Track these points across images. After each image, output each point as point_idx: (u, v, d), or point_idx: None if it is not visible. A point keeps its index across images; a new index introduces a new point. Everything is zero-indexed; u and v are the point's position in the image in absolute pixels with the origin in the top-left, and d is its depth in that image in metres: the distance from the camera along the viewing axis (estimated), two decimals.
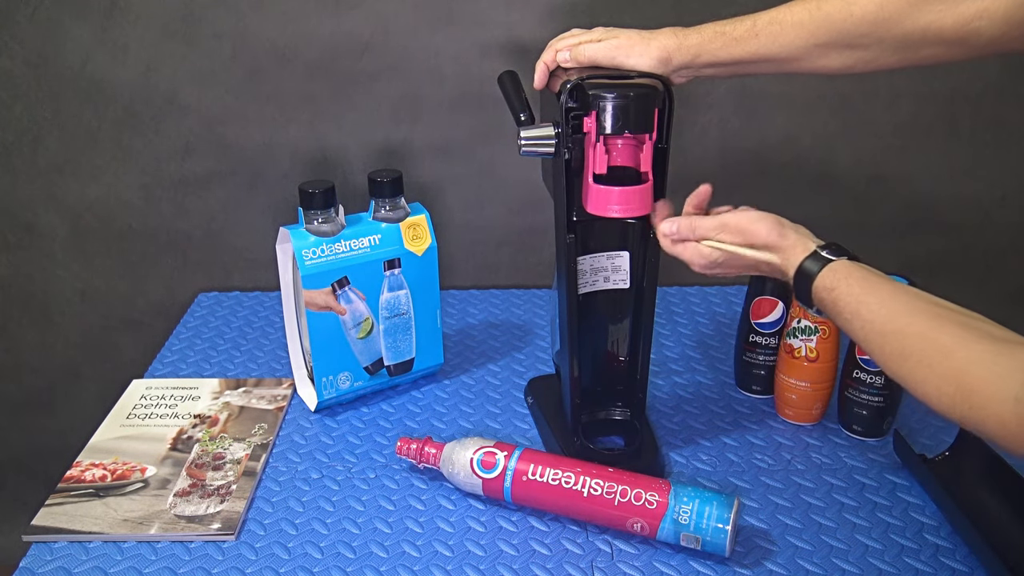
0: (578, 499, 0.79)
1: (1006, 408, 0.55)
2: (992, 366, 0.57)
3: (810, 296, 0.70)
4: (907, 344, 0.62)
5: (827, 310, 0.69)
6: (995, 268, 1.34)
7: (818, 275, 0.69)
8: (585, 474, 0.80)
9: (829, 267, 0.69)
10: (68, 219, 1.27)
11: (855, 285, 0.67)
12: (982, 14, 0.68)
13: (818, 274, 0.69)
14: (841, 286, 0.67)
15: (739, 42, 0.77)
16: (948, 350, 0.60)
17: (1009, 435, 0.55)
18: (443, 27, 1.17)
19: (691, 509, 0.76)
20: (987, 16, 0.68)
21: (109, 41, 1.16)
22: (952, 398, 0.58)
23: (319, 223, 0.93)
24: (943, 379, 0.59)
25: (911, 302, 0.64)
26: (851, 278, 0.67)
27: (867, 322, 0.65)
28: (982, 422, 0.57)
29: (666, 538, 0.77)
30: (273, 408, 1.01)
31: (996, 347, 0.58)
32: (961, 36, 0.69)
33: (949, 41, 0.70)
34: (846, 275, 0.67)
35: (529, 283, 1.33)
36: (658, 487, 0.78)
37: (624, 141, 0.76)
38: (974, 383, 0.57)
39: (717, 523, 0.75)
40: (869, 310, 0.65)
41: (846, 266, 0.68)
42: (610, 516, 0.79)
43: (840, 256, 0.69)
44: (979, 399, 0.57)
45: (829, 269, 0.68)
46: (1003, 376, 0.56)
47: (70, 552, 0.79)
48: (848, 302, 0.66)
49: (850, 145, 1.25)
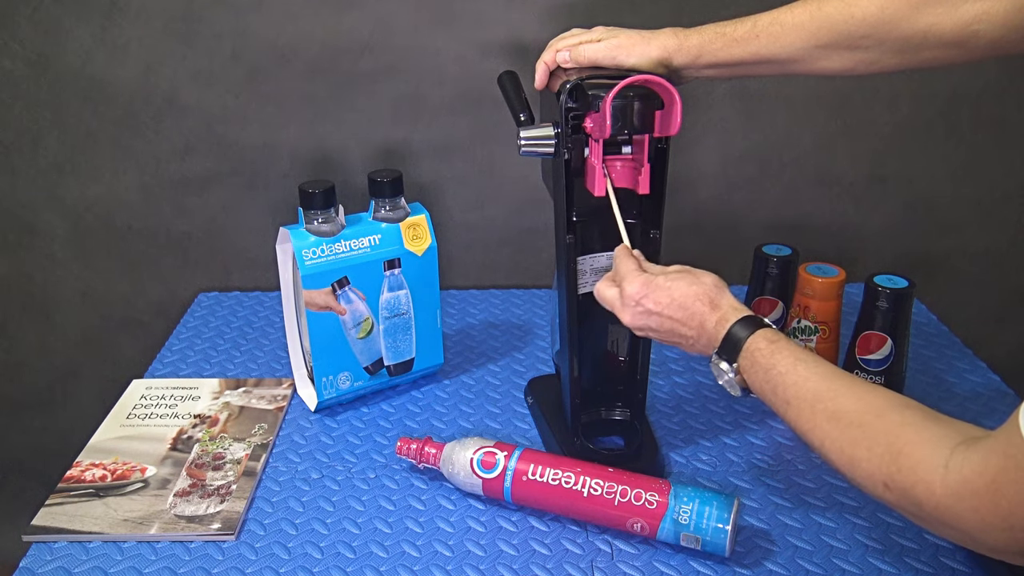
0: (578, 499, 0.79)
1: (935, 475, 0.52)
2: (923, 430, 0.55)
3: (741, 345, 0.68)
4: (841, 404, 0.61)
5: (757, 362, 0.67)
6: (995, 268, 1.34)
7: (760, 329, 0.68)
8: (585, 474, 0.80)
9: (770, 328, 0.69)
10: (68, 219, 1.27)
11: (795, 345, 0.67)
12: (982, 17, 0.68)
13: (760, 328, 0.69)
14: (783, 341, 0.67)
15: (740, 43, 0.77)
16: (881, 410, 0.58)
17: (934, 506, 0.52)
18: (443, 27, 1.17)
19: (691, 509, 0.76)
20: (987, 19, 0.68)
21: (109, 41, 1.16)
22: (880, 458, 0.56)
23: (319, 223, 0.93)
24: (874, 439, 0.57)
25: (845, 371, 0.64)
26: (790, 340, 0.68)
27: (803, 378, 0.64)
28: (909, 488, 0.54)
29: (666, 538, 0.77)
30: (273, 408, 1.01)
31: (930, 413, 0.57)
32: (961, 38, 0.70)
33: (949, 43, 0.70)
34: (787, 337, 0.68)
35: (529, 283, 1.33)
36: (658, 487, 0.78)
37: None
38: (904, 445, 0.55)
39: (717, 523, 0.75)
40: (807, 367, 0.64)
41: (780, 333, 0.69)
42: (610, 516, 0.79)
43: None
44: (908, 461, 0.54)
45: (771, 328, 0.69)
46: (934, 440, 0.54)
47: (70, 552, 0.79)
48: (787, 356, 0.65)
49: (850, 145, 1.25)
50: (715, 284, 0.73)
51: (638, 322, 0.74)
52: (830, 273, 0.94)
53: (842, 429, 0.59)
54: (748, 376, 0.69)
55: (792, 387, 0.64)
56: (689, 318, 0.72)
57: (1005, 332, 1.38)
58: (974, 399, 1.02)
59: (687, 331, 0.73)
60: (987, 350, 1.14)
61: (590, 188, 0.79)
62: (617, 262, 0.77)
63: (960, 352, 1.12)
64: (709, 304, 0.71)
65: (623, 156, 0.80)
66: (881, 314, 0.89)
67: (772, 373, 0.66)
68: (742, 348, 0.68)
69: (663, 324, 0.73)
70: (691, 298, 0.72)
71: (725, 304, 0.71)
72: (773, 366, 0.66)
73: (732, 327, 0.69)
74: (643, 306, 0.73)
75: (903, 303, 0.89)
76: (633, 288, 0.73)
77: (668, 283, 0.73)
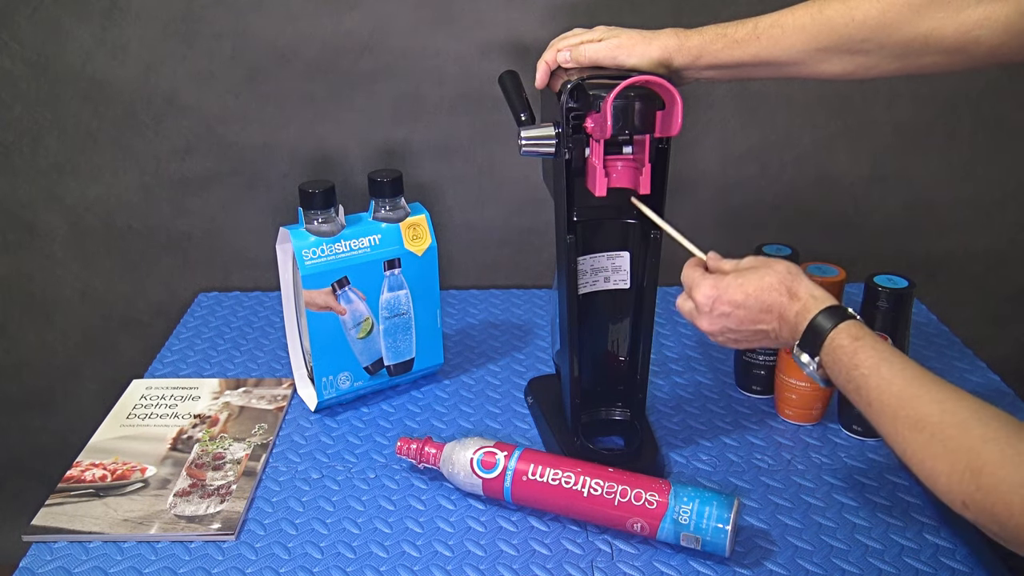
0: (578, 499, 0.79)
1: (1016, 496, 0.50)
2: (1007, 447, 0.53)
3: (823, 340, 0.66)
4: (924, 411, 0.58)
5: (839, 360, 0.64)
6: (995, 268, 1.34)
7: (844, 321, 0.66)
8: (585, 474, 0.80)
9: (854, 320, 0.66)
10: (68, 219, 1.27)
11: (879, 342, 0.64)
12: (983, 22, 0.68)
13: (844, 320, 0.66)
14: (867, 338, 0.64)
15: (740, 44, 0.77)
16: (965, 422, 0.55)
17: (1015, 526, 0.51)
18: (443, 27, 1.17)
19: (691, 509, 0.76)
20: (988, 24, 0.67)
21: (109, 41, 1.16)
22: (961, 475, 0.53)
23: (319, 223, 0.93)
24: (955, 454, 0.55)
25: (929, 373, 0.60)
26: (875, 336, 0.64)
27: (886, 381, 0.61)
28: (989, 507, 0.52)
29: (666, 538, 0.77)
30: (273, 408, 1.01)
31: (1016, 427, 0.54)
32: (962, 44, 0.69)
33: (950, 49, 0.70)
34: (870, 332, 0.65)
35: (529, 283, 1.33)
36: (658, 487, 0.78)
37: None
38: (986, 464, 0.53)
39: (717, 523, 0.75)
40: (891, 369, 0.61)
41: (864, 326, 0.66)
42: (610, 516, 0.79)
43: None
44: (989, 480, 0.52)
45: (855, 320, 0.66)
46: (1018, 460, 0.51)
47: (70, 552, 0.79)
48: (871, 355, 0.62)
49: (850, 145, 1.25)
50: (788, 271, 0.70)
51: (716, 326, 0.72)
52: (830, 273, 0.94)
53: (923, 441, 0.57)
54: (830, 372, 0.66)
55: (875, 390, 0.61)
56: (767, 311, 0.69)
57: (1005, 332, 1.38)
58: None
59: (767, 325, 0.70)
60: (987, 350, 1.14)
61: (590, 188, 0.79)
62: (684, 274, 0.75)
63: (960, 352, 1.12)
64: (787, 293, 0.69)
65: (624, 156, 0.80)
66: (881, 314, 0.89)
67: (855, 373, 0.63)
68: (824, 342, 0.66)
69: (742, 323, 0.71)
70: (765, 290, 0.69)
71: (804, 292, 0.68)
72: (856, 366, 0.63)
73: (814, 319, 0.66)
74: (717, 309, 0.71)
75: (903, 303, 0.89)
76: (703, 293, 0.71)
77: (739, 280, 0.70)
